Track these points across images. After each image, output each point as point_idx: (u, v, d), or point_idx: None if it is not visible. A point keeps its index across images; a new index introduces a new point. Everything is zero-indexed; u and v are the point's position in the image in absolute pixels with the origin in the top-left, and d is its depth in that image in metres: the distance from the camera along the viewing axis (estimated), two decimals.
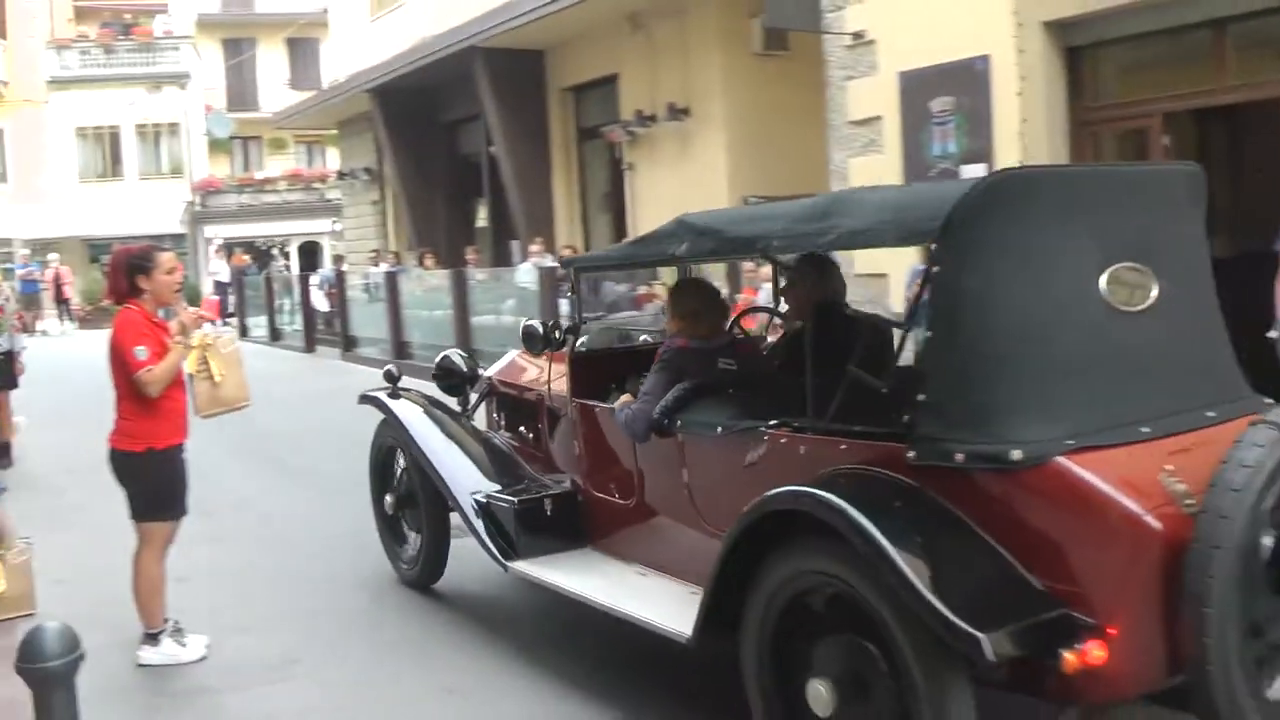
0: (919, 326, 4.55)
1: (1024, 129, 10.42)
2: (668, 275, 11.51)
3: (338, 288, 24.79)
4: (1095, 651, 3.75)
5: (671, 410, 5.61)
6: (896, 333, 5.06)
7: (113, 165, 46.17)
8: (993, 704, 4.17)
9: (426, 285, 21.40)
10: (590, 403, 6.40)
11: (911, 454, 4.25)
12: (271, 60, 48.73)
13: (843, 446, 4.61)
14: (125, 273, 6.29)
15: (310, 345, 25.42)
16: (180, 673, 6.37)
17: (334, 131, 32.12)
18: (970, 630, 3.72)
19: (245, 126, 47.30)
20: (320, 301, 26.68)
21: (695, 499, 5.55)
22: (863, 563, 4.06)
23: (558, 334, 6.80)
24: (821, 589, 4.36)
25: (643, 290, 15.68)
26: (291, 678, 6.31)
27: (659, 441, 5.73)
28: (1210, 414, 4.34)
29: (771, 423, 5.00)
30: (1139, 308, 4.41)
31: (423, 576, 7.52)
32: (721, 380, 5.64)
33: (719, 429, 5.29)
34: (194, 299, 35.56)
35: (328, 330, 25.94)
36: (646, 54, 17.57)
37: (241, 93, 48.61)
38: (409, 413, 7.47)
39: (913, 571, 3.89)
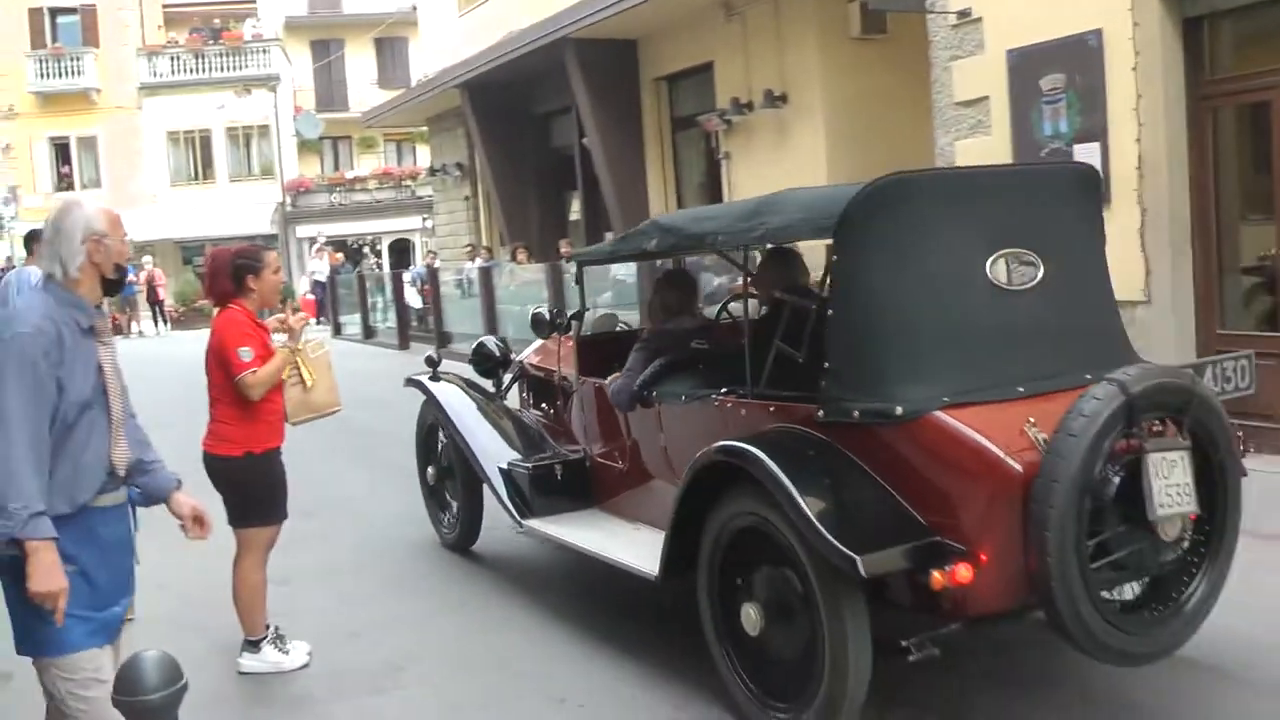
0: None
1: (1139, 105, 9.97)
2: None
3: (431, 284, 24.69)
4: (962, 572, 4.49)
5: (649, 383, 6.52)
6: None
7: (204, 168, 46.69)
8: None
9: (520, 279, 21.21)
10: (592, 380, 7.23)
11: (820, 413, 5.09)
12: (360, 60, 48.98)
13: (772, 409, 5.51)
14: (231, 273, 6.18)
15: (404, 342, 25.42)
16: (282, 681, 6.18)
17: (424, 129, 32.07)
18: (847, 551, 4.50)
19: (334, 127, 47.62)
20: (413, 298, 26.67)
21: (671, 459, 6.42)
22: (776, 502, 4.83)
23: (561, 320, 7.81)
24: (753, 527, 5.12)
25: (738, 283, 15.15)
26: (399, 686, 6.09)
27: (643, 411, 6.64)
28: (1088, 376, 4.86)
29: (722, 391, 5.86)
30: (1025, 286, 5.25)
31: (460, 540, 8.43)
32: (694, 357, 6.48)
33: (682, 398, 6.23)
34: (287, 299, 35.64)
35: (421, 327, 25.94)
36: (741, 41, 17.15)
37: (330, 93, 49.05)
38: (446, 393, 8.33)
39: (809, 507, 4.69)
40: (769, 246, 6.42)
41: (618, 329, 8.70)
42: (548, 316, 7.99)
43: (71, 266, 4.12)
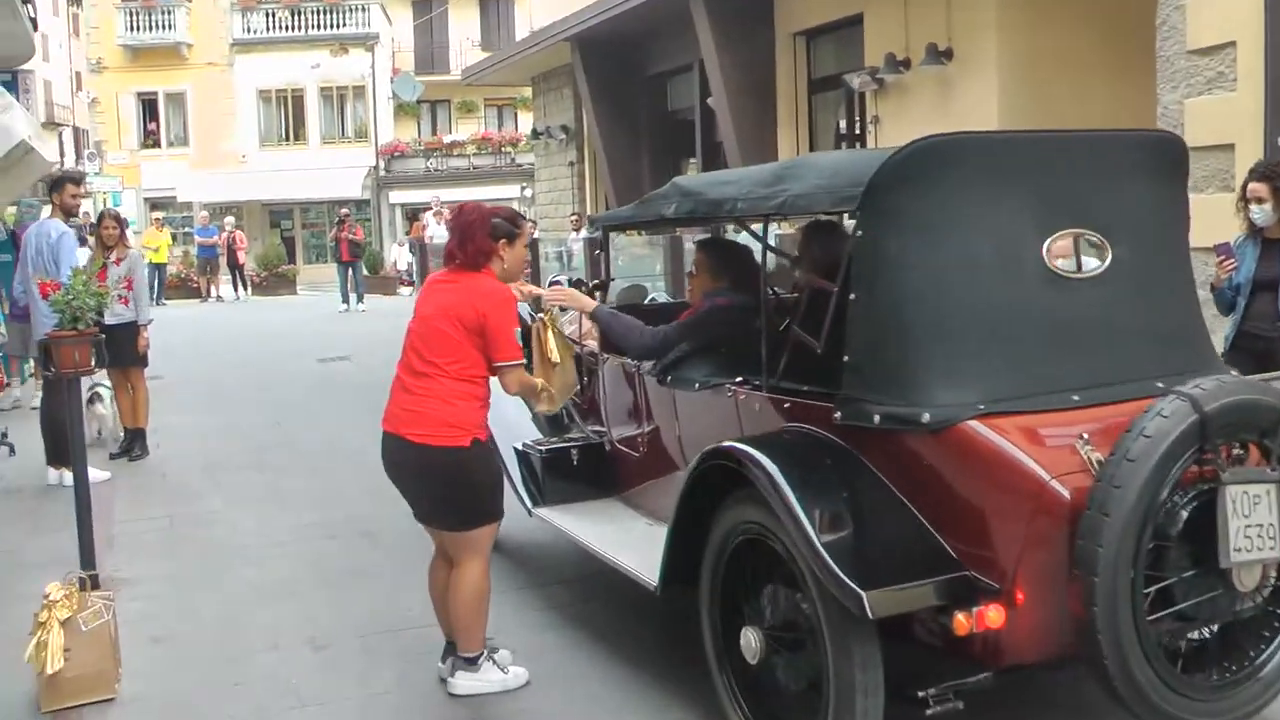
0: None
1: None
2: None
3: (529, 256, 22.51)
4: (992, 614, 3.93)
5: (670, 366, 6.00)
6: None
7: (295, 129, 46.74)
8: None
9: (631, 254, 19.76)
10: (616, 357, 6.69)
11: (837, 414, 4.47)
12: (463, 21, 48.45)
13: (787, 406, 4.95)
14: (489, 233, 5.54)
15: None
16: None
17: (525, 95, 32.07)
18: (853, 586, 3.93)
19: (434, 90, 46.88)
20: None
21: (685, 450, 5.90)
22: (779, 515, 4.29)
23: (583, 289, 7.29)
24: (759, 540, 4.57)
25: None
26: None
27: (660, 392, 6.12)
28: (1159, 385, 4.31)
29: (736, 379, 5.36)
30: (1087, 275, 4.58)
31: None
32: (718, 337, 5.87)
33: (696, 384, 5.72)
34: (374, 268, 34.38)
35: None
36: None
37: (430, 55, 48.55)
38: None
39: (814, 526, 4.13)
40: (816, 218, 5.86)
41: (646, 301, 8.16)
42: (569, 287, 7.53)
43: None
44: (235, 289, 34.38)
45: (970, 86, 14.46)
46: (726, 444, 4.69)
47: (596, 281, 7.37)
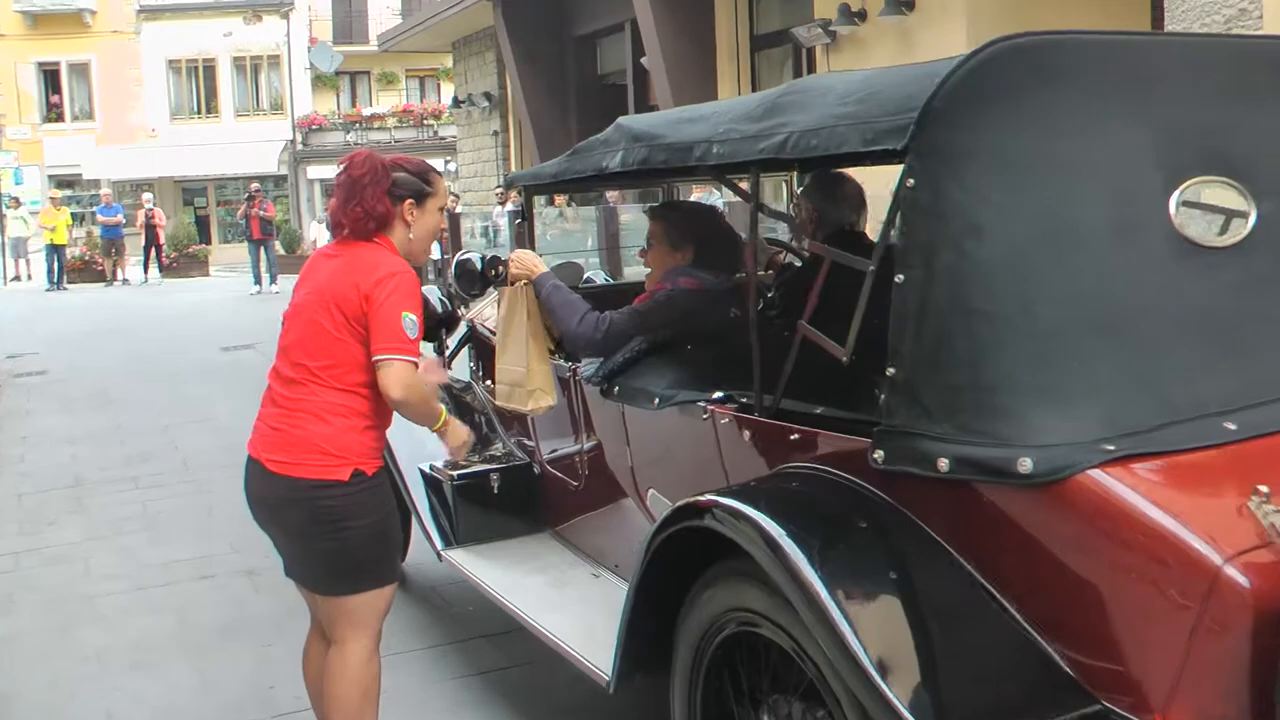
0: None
1: None
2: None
3: (450, 232, 22.21)
4: None
5: (617, 371, 4.61)
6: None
7: (207, 101, 45.33)
8: None
9: (560, 228, 19.34)
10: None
11: (877, 454, 3.06)
12: None
13: (794, 437, 3.56)
14: (386, 191, 4.12)
15: None
16: None
17: (448, 66, 31.38)
18: None
19: (353, 61, 45.27)
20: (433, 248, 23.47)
21: (639, 479, 4.68)
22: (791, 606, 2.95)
23: (499, 271, 5.71)
24: (758, 635, 3.25)
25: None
26: None
27: (605, 406, 4.75)
28: None
29: (715, 395, 4.02)
30: (1229, 242, 3.13)
31: None
32: (682, 335, 4.59)
33: (655, 399, 4.32)
34: (290, 246, 33.21)
35: (438, 281, 22.88)
36: None
37: (349, 23, 46.62)
38: None
39: (855, 630, 2.76)
40: (805, 168, 5.01)
41: (583, 283, 6.70)
42: (478, 266, 6.21)
43: None
44: (145, 271, 32.64)
45: (935, 38, 13.02)
46: (705, 496, 3.32)
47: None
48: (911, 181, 3.05)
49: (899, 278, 3.05)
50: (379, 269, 3.93)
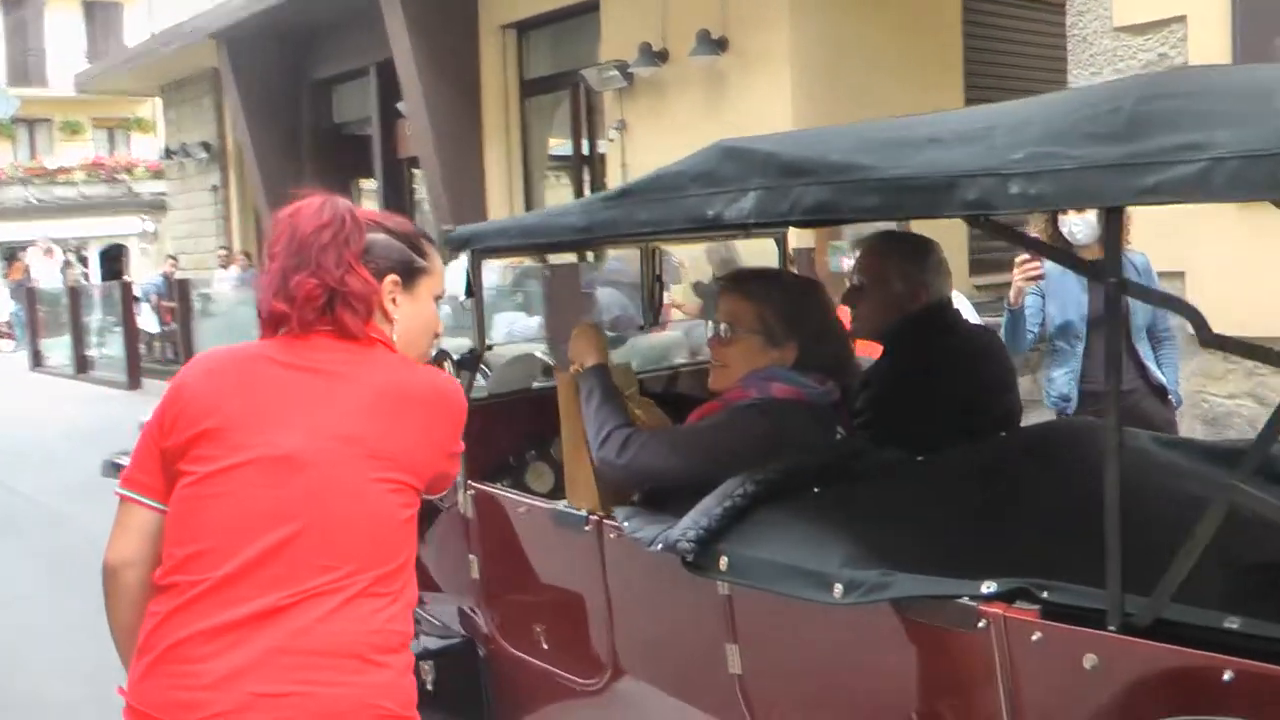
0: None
1: None
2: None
3: (179, 300, 20.24)
4: None
5: (715, 530, 3.07)
6: None
7: None
8: None
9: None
10: (493, 488, 4.25)
11: None
12: (64, 24, 44.38)
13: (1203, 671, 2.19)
14: (358, 258, 2.67)
15: (135, 379, 20.53)
16: None
17: (141, 116, 28.80)
18: None
19: (32, 107, 42.81)
20: (149, 320, 22.15)
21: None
22: None
23: (446, 366, 4.34)
24: None
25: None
26: None
27: (682, 578, 3.14)
28: None
29: (987, 589, 2.51)
30: None
31: None
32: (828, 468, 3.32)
33: (835, 586, 2.71)
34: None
35: (155, 357, 21.66)
36: None
37: (24, 64, 44.36)
38: None
39: None
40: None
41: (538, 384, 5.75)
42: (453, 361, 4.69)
43: None
44: None
45: (754, 82, 12.69)
46: None
47: (462, 357, 4.51)
48: None
49: None
50: (448, 404, 2.72)
